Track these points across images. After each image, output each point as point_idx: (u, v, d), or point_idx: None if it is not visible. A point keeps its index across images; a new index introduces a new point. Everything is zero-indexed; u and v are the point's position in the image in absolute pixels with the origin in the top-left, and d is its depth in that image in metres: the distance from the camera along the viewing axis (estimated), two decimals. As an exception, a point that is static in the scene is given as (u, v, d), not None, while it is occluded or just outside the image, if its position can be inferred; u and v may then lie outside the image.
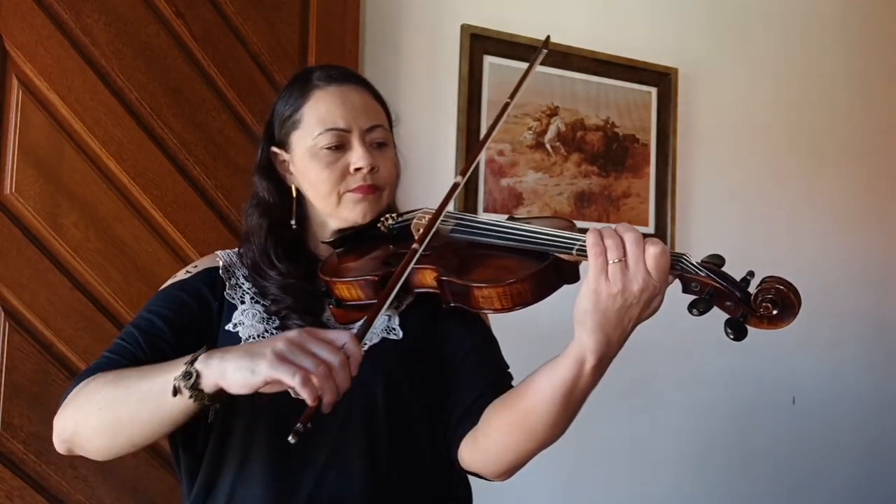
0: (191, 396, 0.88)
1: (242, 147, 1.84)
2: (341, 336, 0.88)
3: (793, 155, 2.87)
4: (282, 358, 0.83)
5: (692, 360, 2.59)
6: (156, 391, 0.90)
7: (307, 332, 0.87)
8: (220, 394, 0.88)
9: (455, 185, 1.10)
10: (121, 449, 0.98)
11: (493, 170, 2.28)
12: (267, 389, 0.85)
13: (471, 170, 1.15)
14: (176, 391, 0.88)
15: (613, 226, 0.90)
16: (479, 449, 1.06)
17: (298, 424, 0.82)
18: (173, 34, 1.80)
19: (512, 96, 1.17)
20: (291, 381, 0.82)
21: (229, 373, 0.86)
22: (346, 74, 1.20)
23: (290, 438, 0.81)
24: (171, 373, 0.90)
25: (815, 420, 2.85)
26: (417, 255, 1.00)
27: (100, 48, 1.71)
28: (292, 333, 0.87)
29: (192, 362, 0.89)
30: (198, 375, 0.88)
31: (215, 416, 1.08)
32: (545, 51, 1.22)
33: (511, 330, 1.34)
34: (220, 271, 1.17)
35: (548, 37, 1.26)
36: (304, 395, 0.82)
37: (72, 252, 1.67)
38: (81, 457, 1.01)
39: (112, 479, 1.68)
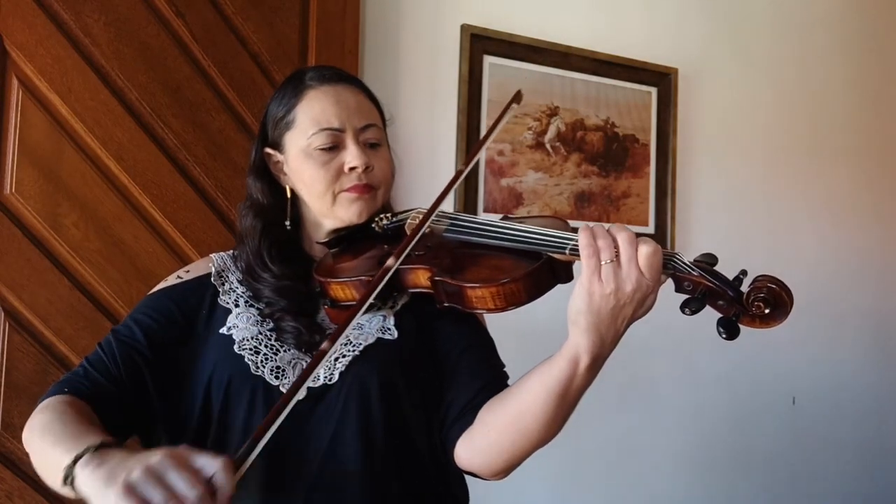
0: (73, 492, 0.83)
1: (242, 147, 1.84)
2: (211, 465, 0.79)
3: (792, 154, 2.87)
4: (130, 489, 0.75)
5: (691, 359, 2.59)
6: (56, 466, 0.86)
7: (173, 458, 0.79)
8: None
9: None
10: None
11: (493, 170, 2.28)
12: None
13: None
14: (64, 480, 0.84)
15: (607, 225, 0.90)
16: (475, 448, 1.06)
17: None
18: (173, 34, 1.80)
19: (470, 157, 1.15)
20: None
21: (90, 491, 0.80)
22: (339, 74, 1.20)
23: None
24: (70, 454, 0.85)
25: (815, 420, 2.85)
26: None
27: (100, 48, 1.72)
28: (156, 458, 0.78)
29: (76, 459, 0.84)
30: (74, 478, 0.83)
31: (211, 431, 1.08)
32: (515, 106, 1.23)
33: (507, 329, 1.34)
34: (212, 278, 1.17)
35: (519, 91, 1.26)
36: None
37: (72, 252, 1.68)
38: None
39: (112, 478, 1.68)
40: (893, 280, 3.09)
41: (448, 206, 1.09)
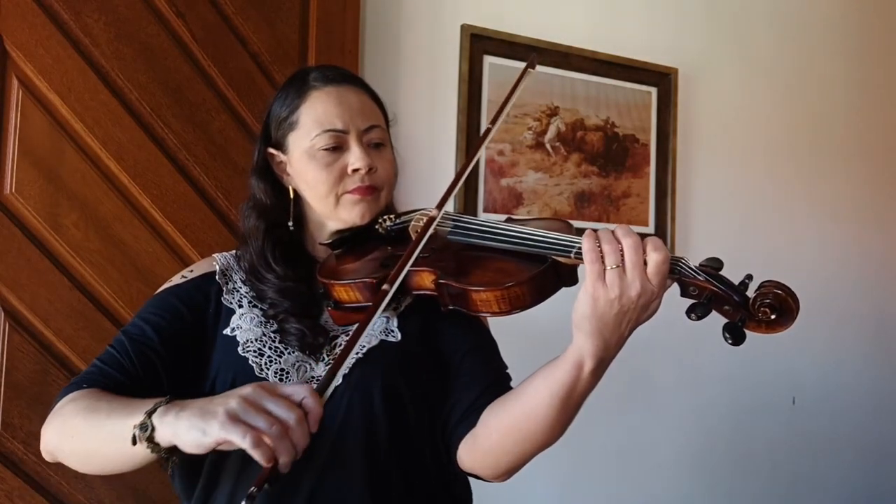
0: (148, 447, 0.86)
1: (242, 147, 1.84)
2: (300, 390, 0.85)
3: (792, 155, 2.87)
4: (234, 418, 0.80)
5: (692, 360, 2.59)
6: (118, 433, 0.88)
7: (263, 388, 0.84)
8: (177, 448, 0.85)
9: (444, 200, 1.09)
10: (97, 473, 0.96)
11: (493, 170, 2.28)
12: (224, 447, 0.83)
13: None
14: (135, 440, 0.86)
15: (613, 227, 0.90)
16: (478, 450, 1.06)
17: (253, 487, 0.78)
18: (173, 34, 1.80)
19: (494, 120, 1.15)
20: (242, 442, 0.79)
21: (182, 432, 0.83)
22: (343, 75, 1.20)
23: (243, 503, 0.78)
24: (135, 416, 0.87)
25: (815, 420, 2.85)
26: (389, 296, 0.98)
27: (100, 48, 1.71)
28: (247, 389, 0.84)
29: (151, 413, 0.86)
30: (153, 429, 0.85)
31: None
32: (532, 70, 1.21)
33: (510, 330, 1.34)
34: (217, 276, 1.17)
35: (533, 55, 1.24)
36: (257, 456, 0.79)
37: (72, 252, 1.68)
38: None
39: (112, 479, 1.67)
40: (894, 281, 3.09)
41: (448, 206, 1.08)
